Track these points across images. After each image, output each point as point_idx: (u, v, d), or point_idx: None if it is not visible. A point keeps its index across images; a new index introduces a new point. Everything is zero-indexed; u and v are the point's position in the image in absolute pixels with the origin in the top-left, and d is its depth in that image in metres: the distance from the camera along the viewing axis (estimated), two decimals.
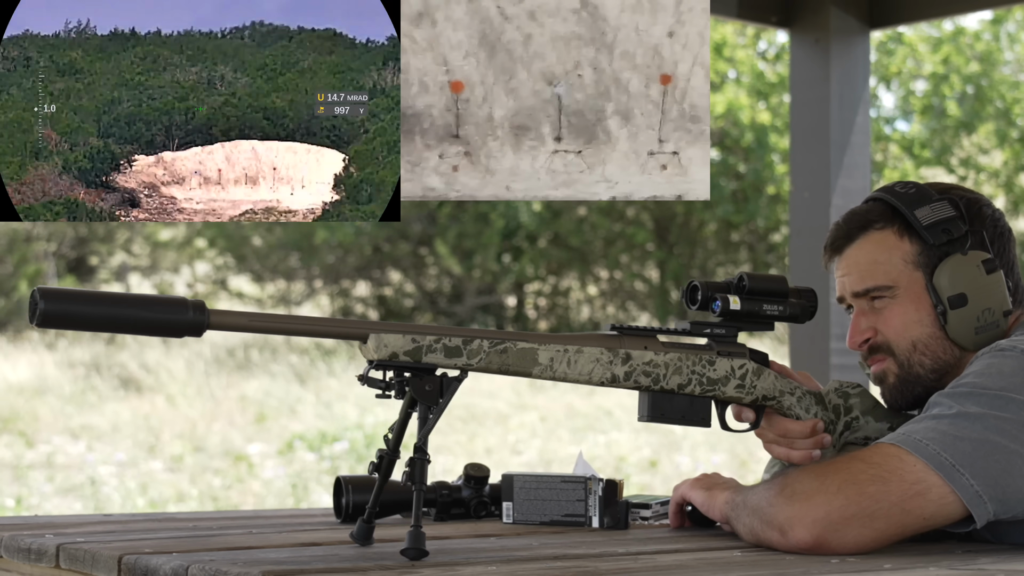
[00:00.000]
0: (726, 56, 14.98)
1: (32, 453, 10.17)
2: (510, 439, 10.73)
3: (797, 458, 2.20)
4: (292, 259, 16.60)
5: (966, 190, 2.29)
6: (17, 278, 15.34)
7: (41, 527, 2.24)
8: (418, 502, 1.86)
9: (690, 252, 15.73)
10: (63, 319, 1.80)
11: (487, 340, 1.97)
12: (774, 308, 2.18)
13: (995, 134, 15.16)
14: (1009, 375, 2.00)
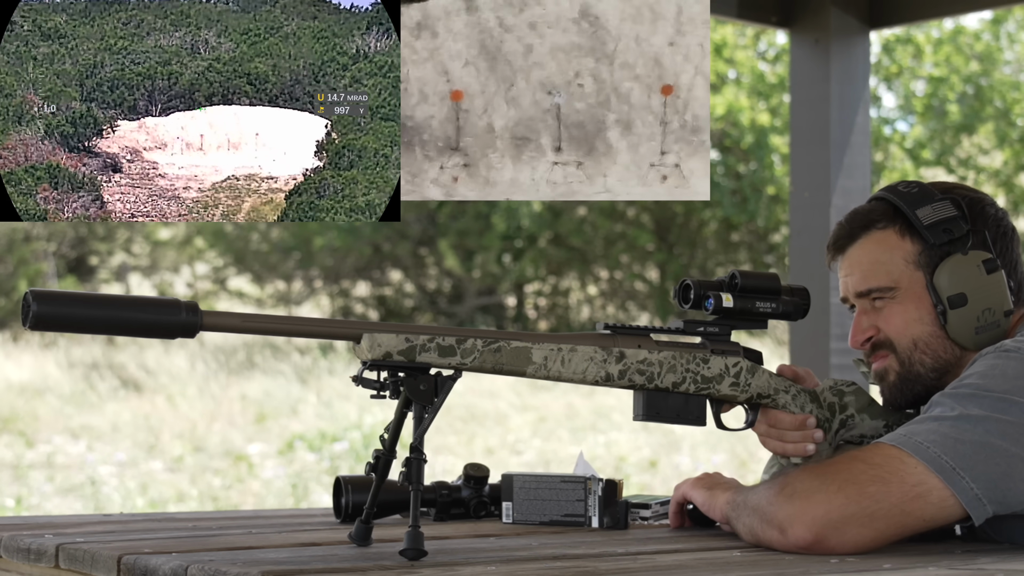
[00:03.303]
0: (726, 57, 14.98)
1: (32, 453, 10.17)
2: (510, 439, 10.73)
3: (791, 451, 2.21)
4: (292, 259, 16.61)
5: (969, 189, 2.28)
6: (17, 278, 15.34)
7: (41, 527, 2.24)
8: (415, 502, 1.86)
9: (690, 252, 15.74)
10: (56, 321, 1.80)
11: (481, 339, 1.97)
12: (767, 306, 2.18)
13: (995, 134, 15.17)
14: (1013, 378, 2.00)
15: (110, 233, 16.76)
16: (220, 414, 11.42)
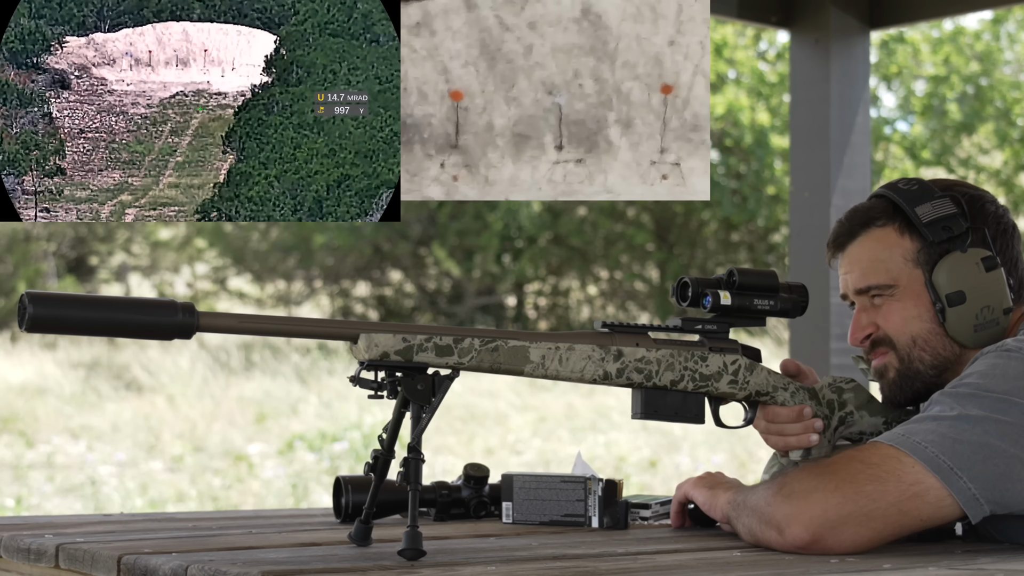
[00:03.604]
0: (726, 57, 14.98)
1: (32, 453, 10.17)
2: (510, 439, 10.73)
3: (795, 444, 2.21)
4: (291, 259, 16.61)
5: (970, 187, 2.28)
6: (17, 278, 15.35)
7: (41, 527, 2.24)
8: (414, 502, 1.86)
9: (690, 252, 15.74)
10: (52, 323, 1.80)
11: (478, 339, 1.97)
12: (765, 303, 2.18)
13: (995, 134, 15.16)
14: (1013, 378, 2.00)
15: (110, 233, 16.76)
16: (220, 414, 11.42)
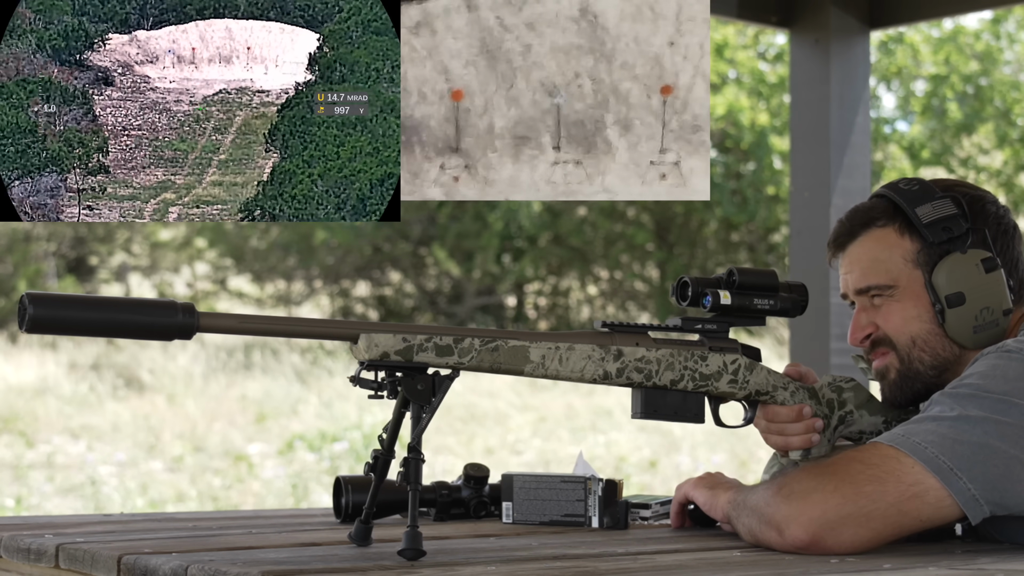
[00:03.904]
0: (727, 57, 14.98)
1: (32, 453, 10.17)
2: (510, 439, 10.73)
3: (796, 444, 2.21)
4: (292, 259, 16.61)
5: (971, 187, 2.28)
6: (17, 278, 15.34)
7: (41, 527, 2.24)
8: (414, 502, 1.86)
9: (690, 252, 15.74)
10: (52, 324, 1.80)
11: (478, 339, 1.97)
12: (764, 302, 2.18)
13: (995, 134, 15.16)
14: (1013, 379, 2.00)
15: (110, 233, 16.76)
16: (220, 414, 11.42)
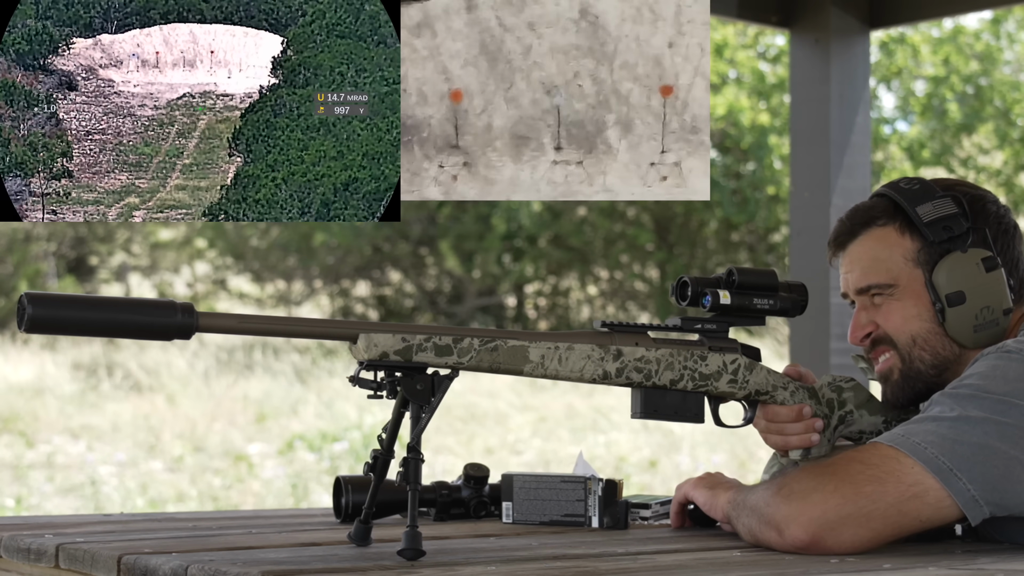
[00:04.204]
0: (727, 57, 14.98)
1: (32, 453, 10.17)
2: (510, 439, 10.73)
3: (795, 443, 2.21)
4: (292, 259, 16.61)
5: (971, 186, 2.28)
6: (17, 278, 15.35)
7: (41, 527, 2.24)
8: (413, 502, 1.86)
9: (690, 252, 15.74)
10: (51, 324, 1.80)
11: (478, 338, 1.97)
12: (764, 302, 2.18)
13: (995, 134, 15.16)
14: (1014, 380, 1.99)
15: (110, 233, 16.76)
16: (220, 414, 11.42)
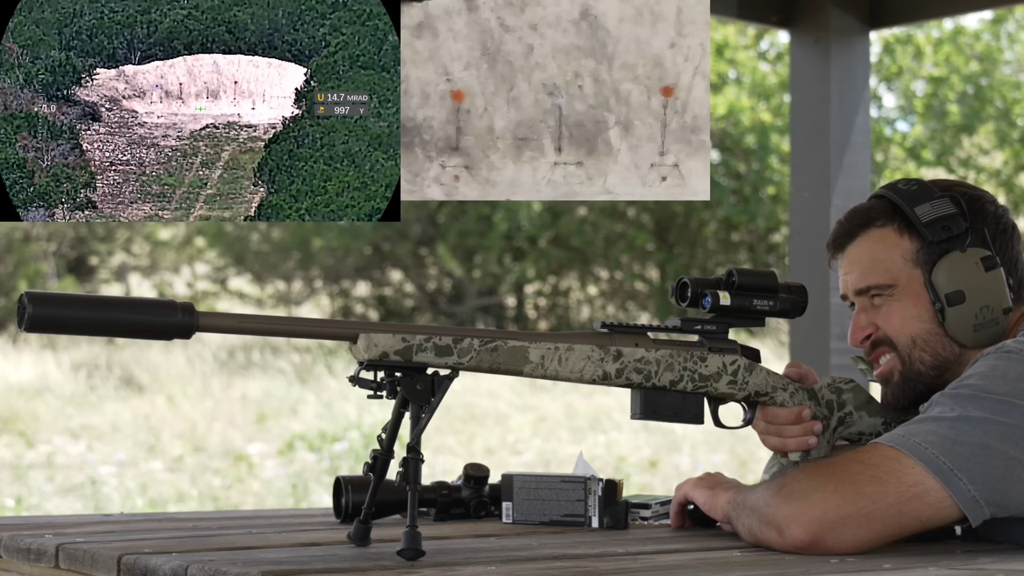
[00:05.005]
0: (727, 57, 14.98)
1: (32, 453, 10.17)
2: (510, 439, 10.73)
3: (792, 446, 2.21)
4: (292, 259, 16.61)
5: (969, 187, 2.29)
6: (17, 278, 15.34)
7: (41, 527, 2.24)
8: (413, 502, 1.86)
9: (690, 252, 15.74)
10: (52, 323, 1.80)
11: (477, 339, 1.97)
12: (764, 303, 2.18)
13: (995, 134, 15.16)
14: (1014, 380, 1.99)
15: (110, 233, 16.75)
16: (220, 414, 11.42)
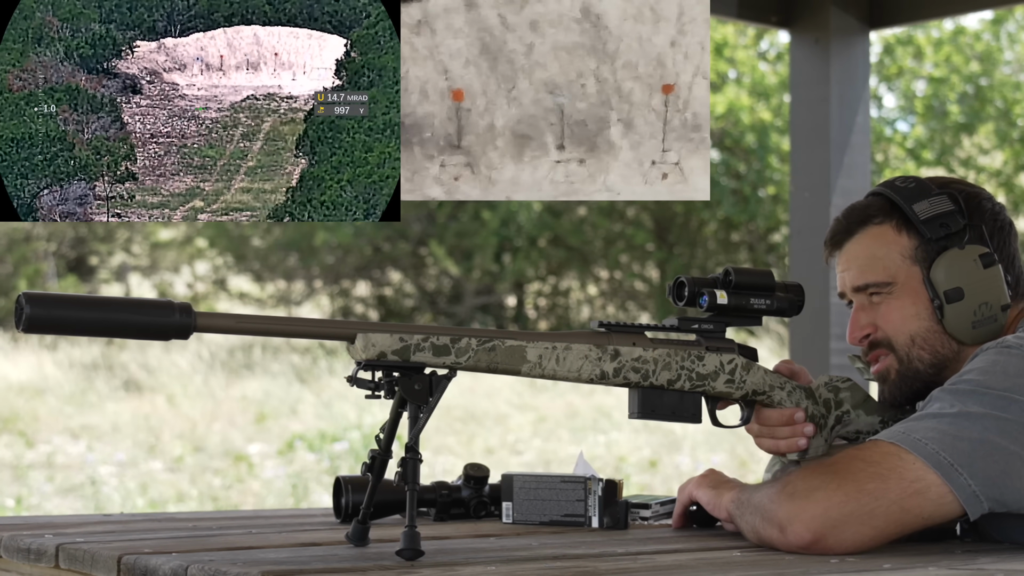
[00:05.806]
0: (727, 57, 14.98)
1: (32, 453, 10.17)
2: (510, 439, 10.73)
3: (783, 447, 2.21)
4: (292, 259, 16.60)
5: (967, 184, 2.29)
6: (17, 278, 15.34)
7: (41, 527, 2.24)
8: (412, 502, 1.86)
9: (690, 252, 15.73)
10: (49, 324, 1.79)
11: (475, 338, 1.97)
12: (761, 302, 2.18)
13: (995, 134, 15.16)
14: (1013, 375, 2.00)
15: (110, 233, 16.75)
16: (220, 414, 11.42)
